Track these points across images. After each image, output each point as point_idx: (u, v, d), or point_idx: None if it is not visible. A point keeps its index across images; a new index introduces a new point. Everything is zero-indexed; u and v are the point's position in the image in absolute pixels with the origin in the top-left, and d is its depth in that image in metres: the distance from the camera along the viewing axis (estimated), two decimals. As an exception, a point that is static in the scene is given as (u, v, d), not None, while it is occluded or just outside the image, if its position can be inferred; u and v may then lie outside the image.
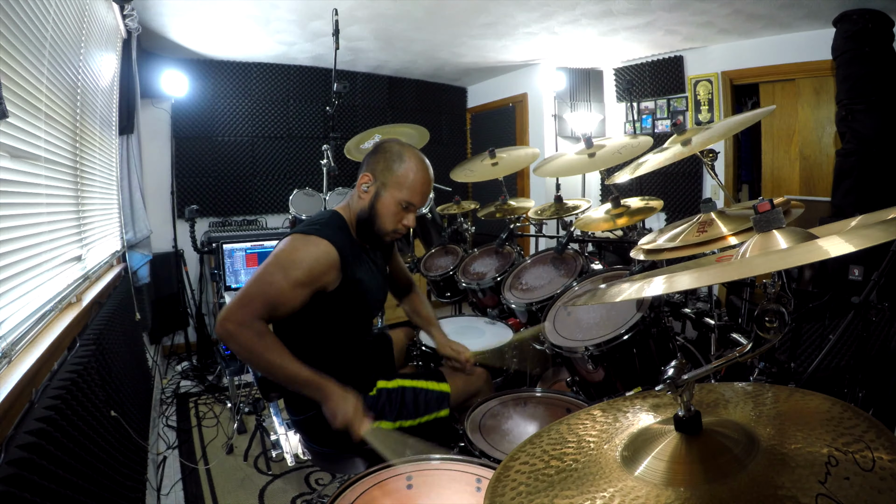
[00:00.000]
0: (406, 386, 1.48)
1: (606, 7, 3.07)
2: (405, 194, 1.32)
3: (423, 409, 1.45)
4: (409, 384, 1.49)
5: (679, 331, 2.13)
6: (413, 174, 1.32)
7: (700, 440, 0.63)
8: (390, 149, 1.35)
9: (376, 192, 1.34)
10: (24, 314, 1.28)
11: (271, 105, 4.20)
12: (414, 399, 1.46)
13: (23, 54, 1.33)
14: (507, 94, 4.95)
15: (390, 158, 1.33)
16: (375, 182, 1.33)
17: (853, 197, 2.89)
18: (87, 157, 2.14)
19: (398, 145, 1.36)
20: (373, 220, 1.35)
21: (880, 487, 0.50)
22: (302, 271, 1.22)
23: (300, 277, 1.22)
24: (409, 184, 1.32)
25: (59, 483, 1.02)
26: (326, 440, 1.40)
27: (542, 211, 2.62)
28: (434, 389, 1.49)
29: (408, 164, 1.32)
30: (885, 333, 1.97)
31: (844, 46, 2.91)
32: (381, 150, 1.35)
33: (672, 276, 0.63)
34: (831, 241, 0.55)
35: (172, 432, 2.68)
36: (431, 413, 1.46)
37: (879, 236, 0.53)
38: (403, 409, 1.44)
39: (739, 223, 1.12)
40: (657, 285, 0.63)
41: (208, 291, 3.85)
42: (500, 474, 0.71)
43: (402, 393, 1.46)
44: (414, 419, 1.44)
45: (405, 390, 1.47)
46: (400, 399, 1.45)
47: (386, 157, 1.33)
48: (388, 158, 1.33)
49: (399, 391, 1.46)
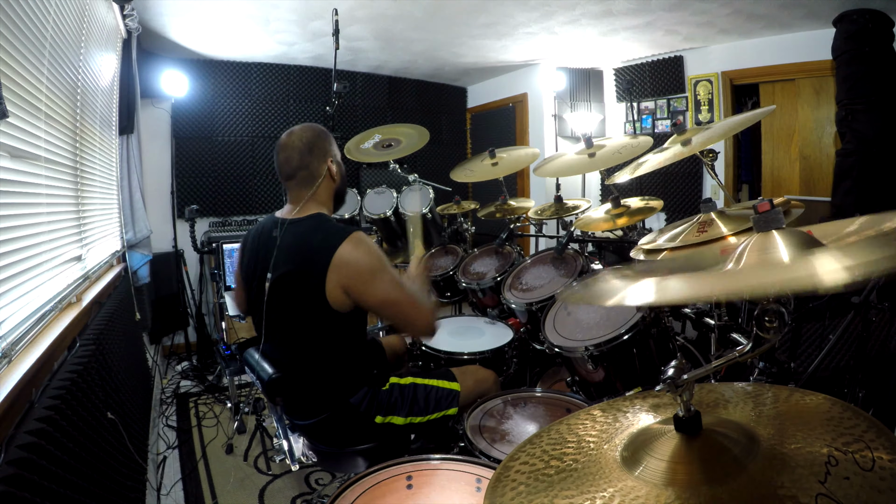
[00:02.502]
0: (418, 383, 1.52)
1: (606, 7, 3.07)
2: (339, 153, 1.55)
3: (434, 406, 1.49)
4: (421, 382, 1.53)
5: (679, 331, 2.13)
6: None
7: (700, 440, 0.63)
8: (318, 131, 1.48)
9: (338, 166, 1.51)
10: (24, 314, 1.28)
11: (271, 105, 4.20)
12: (425, 396, 1.50)
13: (23, 54, 1.33)
14: (507, 94, 4.95)
15: (327, 135, 1.50)
16: (335, 160, 1.49)
17: (853, 197, 2.89)
18: (87, 157, 2.14)
19: (314, 128, 1.49)
20: (344, 186, 1.57)
21: (880, 487, 0.50)
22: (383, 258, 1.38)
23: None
24: (336, 147, 1.53)
25: (59, 483, 1.02)
26: (333, 440, 1.45)
27: (542, 211, 2.62)
28: (445, 388, 1.53)
29: (328, 133, 1.51)
30: (885, 333, 1.97)
31: (844, 46, 2.91)
32: (317, 136, 1.47)
33: (664, 282, 0.62)
34: (826, 262, 0.53)
35: (172, 432, 2.68)
36: (441, 410, 1.50)
37: (880, 263, 0.50)
38: (415, 405, 1.47)
39: (739, 223, 1.12)
40: (648, 292, 0.62)
41: (208, 291, 3.85)
42: (500, 474, 0.71)
43: (413, 389, 1.50)
44: (424, 416, 1.48)
45: (417, 387, 1.51)
46: (412, 395, 1.49)
47: (325, 136, 1.49)
48: (326, 136, 1.49)
49: (411, 387, 1.51)
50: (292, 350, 1.41)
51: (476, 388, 1.58)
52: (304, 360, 1.40)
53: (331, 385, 1.40)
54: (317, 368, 1.40)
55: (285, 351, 1.42)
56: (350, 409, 1.40)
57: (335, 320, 1.33)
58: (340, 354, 1.40)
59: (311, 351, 1.39)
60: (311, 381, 1.41)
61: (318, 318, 1.33)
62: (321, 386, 1.41)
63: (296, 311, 1.36)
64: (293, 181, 1.43)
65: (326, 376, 1.40)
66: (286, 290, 1.35)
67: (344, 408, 1.40)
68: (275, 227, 1.41)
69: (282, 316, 1.39)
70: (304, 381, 1.41)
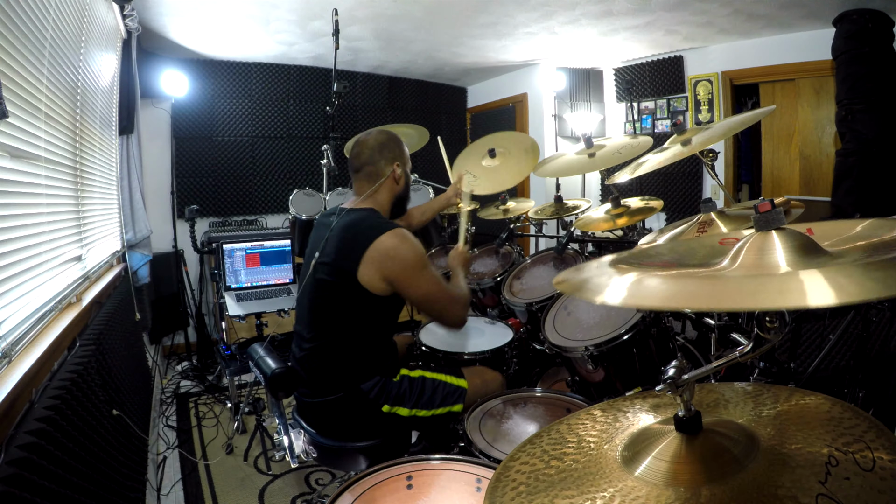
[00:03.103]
0: (427, 377, 1.55)
1: (606, 7, 3.07)
2: (409, 163, 1.64)
3: (440, 401, 1.52)
4: (430, 376, 1.56)
5: (679, 331, 2.13)
6: (405, 148, 1.62)
7: (700, 440, 0.63)
8: (393, 136, 1.59)
9: (404, 173, 1.59)
10: (24, 314, 1.28)
11: (271, 105, 4.19)
12: (433, 390, 1.52)
13: (23, 54, 1.33)
14: (507, 94, 4.95)
15: (400, 143, 1.59)
16: (403, 166, 1.58)
17: (853, 197, 2.89)
18: (87, 157, 2.14)
19: (388, 133, 1.60)
20: (407, 195, 1.65)
21: (880, 487, 0.50)
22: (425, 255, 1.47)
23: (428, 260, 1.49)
24: (408, 155, 1.63)
25: (60, 483, 1.02)
26: (337, 426, 1.48)
27: (542, 211, 2.62)
28: (452, 384, 1.55)
29: (402, 142, 1.60)
30: (885, 333, 1.97)
31: (844, 46, 2.91)
32: (391, 140, 1.58)
33: (650, 286, 0.61)
34: (816, 282, 0.52)
35: (172, 432, 2.68)
36: (447, 406, 1.52)
37: (875, 290, 0.49)
38: (421, 398, 1.50)
39: (739, 223, 1.12)
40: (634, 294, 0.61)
41: (208, 291, 3.85)
42: (500, 474, 0.71)
43: (422, 382, 1.53)
44: (429, 410, 1.50)
45: (426, 380, 1.54)
46: (420, 388, 1.52)
47: (398, 143, 1.59)
48: (399, 143, 1.59)
49: (420, 380, 1.54)
50: (320, 327, 1.47)
51: (483, 388, 1.59)
52: (330, 338, 1.45)
53: (348, 366, 1.45)
54: (340, 347, 1.44)
55: (314, 328, 1.48)
56: (360, 395, 1.44)
57: (366, 302, 1.40)
58: (364, 337, 1.46)
59: (337, 329, 1.44)
60: (331, 359, 1.46)
61: (349, 297, 1.41)
62: (340, 365, 1.45)
63: (330, 290, 1.44)
64: (360, 174, 1.56)
65: (347, 356, 1.45)
66: (326, 270, 1.44)
67: (354, 392, 1.44)
68: (333, 214, 1.55)
69: (319, 295, 1.47)
70: (326, 357, 1.46)
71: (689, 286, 0.59)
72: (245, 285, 2.76)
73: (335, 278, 1.43)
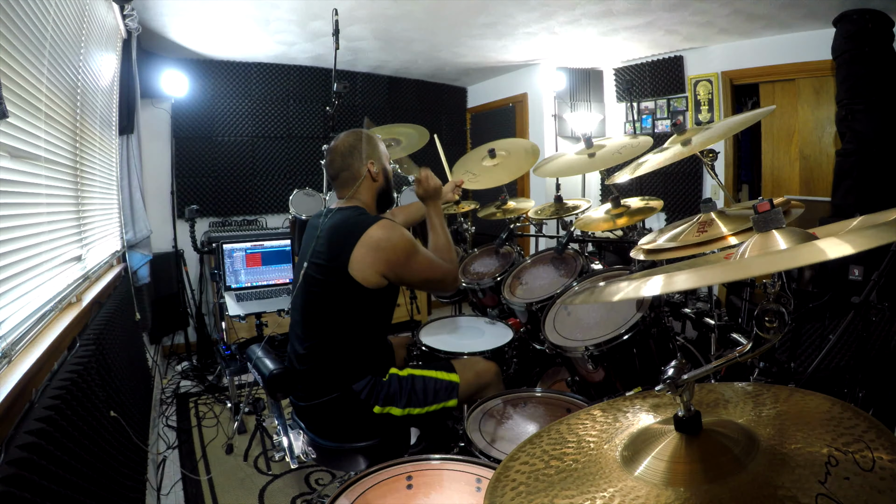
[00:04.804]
0: (416, 374, 1.55)
1: (606, 7, 3.07)
2: (386, 156, 1.66)
3: (433, 397, 1.51)
4: (420, 373, 1.55)
5: (679, 331, 2.12)
6: (379, 142, 1.64)
7: (700, 440, 0.63)
8: (363, 136, 1.61)
9: (381, 168, 1.60)
10: (24, 314, 1.28)
11: (271, 105, 4.20)
12: (423, 387, 1.51)
13: (23, 54, 1.33)
14: (507, 94, 4.95)
15: (371, 140, 1.61)
16: (377, 163, 1.59)
17: (853, 197, 2.89)
18: (87, 157, 2.14)
19: (357, 133, 1.60)
20: (390, 188, 1.66)
21: (880, 487, 0.50)
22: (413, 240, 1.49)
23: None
24: (383, 149, 1.64)
25: (60, 483, 1.02)
26: (332, 428, 1.48)
27: (542, 211, 2.62)
28: (443, 379, 1.54)
29: (374, 138, 1.61)
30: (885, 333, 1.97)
31: (844, 46, 2.91)
32: (360, 140, 1.59)
33: (671, 276, 0.63)
34: (830, 242, 0.55)
35: (172, 432, 2.68)
36: (440, 402, 1.51)
37: (879, 238, 0.52)
38: (413, 397, 1.49)
39: (739, 223, 1.12)
40: (655, 285, 0.62)
41: (208, 291, 3.85)
42: (500, 474, 0.71)
43: (411, 381, 1.52)
44: (423, 407, 1.49)
45: (415, 378, 1.53)
46: (410, 386, 1.51)
47: (370, 140, 1.61)
48: (370, 140, 1.60)
49: (409, 379, 1.53)
50: (314, 328, 1.47)
51: (476, 380, 1.59)
52: (324, 338, 1.45)
53: (342, 366, 1.45)
54: (333, 347, 1.44)
55: (308, 328, 1.48)
56: (351, 396, 1.43)
57: (359, 298, 1.41)
58: (358, 336, 1.45)
59: (330, 329, 1.44)
60: (325, 359, 1.45)
61: (342, 295, 1.41)
62: (334, 365, 1.45)
63: (323, 289, 1.45)
64: (338, 181, 1.58)
65: (340, 356, 1.45)
66: (318, 269, 1.45)
67: (346, 393, 1.43)
68: (323, 216, 1.57)
69: (311, 295, 1.47)
70: (320, 357, 1.45)
71: (718, 270, 0.60)
72: (245, 285, 2.76)
73: (327, 277, 1.44)
